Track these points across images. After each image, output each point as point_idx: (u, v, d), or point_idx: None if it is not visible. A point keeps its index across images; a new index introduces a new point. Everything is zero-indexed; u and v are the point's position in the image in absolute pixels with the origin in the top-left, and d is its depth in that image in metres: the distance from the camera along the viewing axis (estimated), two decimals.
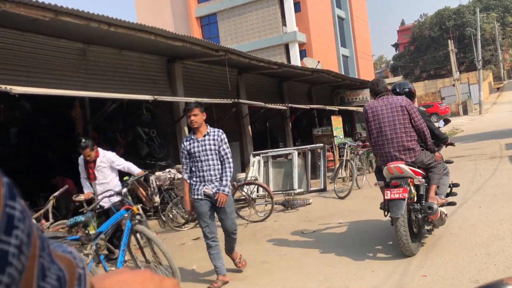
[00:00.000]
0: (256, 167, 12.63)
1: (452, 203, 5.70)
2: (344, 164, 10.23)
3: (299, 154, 13.33)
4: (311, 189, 11.72)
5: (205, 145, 4.80)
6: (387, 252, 5.30)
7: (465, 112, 46.12)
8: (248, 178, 12.39)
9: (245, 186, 8.28)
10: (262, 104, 11.50)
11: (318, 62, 16.94)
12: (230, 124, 13.69)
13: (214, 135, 4.91)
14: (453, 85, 49.50)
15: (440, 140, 5.89)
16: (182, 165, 5.01)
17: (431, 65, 74.63)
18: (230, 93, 12.02)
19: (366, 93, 21.39)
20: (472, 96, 50.58)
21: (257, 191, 10.65)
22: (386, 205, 5.15)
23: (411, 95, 5.69)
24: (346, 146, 10.92)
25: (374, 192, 10.05)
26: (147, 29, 7.77)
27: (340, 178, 10.71)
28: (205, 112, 4.98)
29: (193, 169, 4.81)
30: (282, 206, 9.28)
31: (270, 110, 15.77)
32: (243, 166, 13.44)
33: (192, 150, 4.79)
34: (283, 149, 13.38)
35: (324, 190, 11.49)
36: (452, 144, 6.25)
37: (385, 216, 5.45)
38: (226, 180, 4.82)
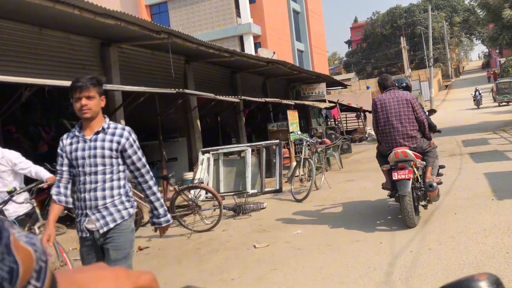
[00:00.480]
0: (205, 165, 11.42)
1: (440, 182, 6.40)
2: (302, 163, 9.22)
3: (252, 151, 12.24)
4: (266, 189, 10.66)
5: (95, 147, 3.03)
6: (354, 266, 4.30)
7: None
8: (196, 179, 11.18)
9: (189, 190, 7.06)
10: (211, 95, 10.30)
11: (274, 53, 15.92)
12: (176, 118, 12.40)
13: (114, 134, 3.06)
14: None
15: (431, 129, 6.54)
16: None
17: (382, 62, 75.96)
18: (176, 83, 10.72)
19: (322, 87, 20.63)
20: (423, 93, 51.54)
21: (206, 193, 9.46)
22: (392, 185, 5.98)
23: (407, 89, 6.46)
24: (304, 143, 9.90)
25: (334, 193, 9.14)
26: (68, 0, 6.36)
27: (297, 176, 9.69)
28: (104, 97, 3.11)
29: (76, 186, 3.12)
30: (232, 212, 8.14)
31: (222, 103, 14.56)
32: (191, 164, 12.19)
33: (73, 155, 3.05)
34: (235, 145, 12.25)
35: (279, 191, 10.47)
36: (439, 131, 7.07)
37: (389, 196, 6.41)
38: (162, 204, 3.24)
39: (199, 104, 12.60)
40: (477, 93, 34.25)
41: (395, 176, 5.68)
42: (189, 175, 11.59)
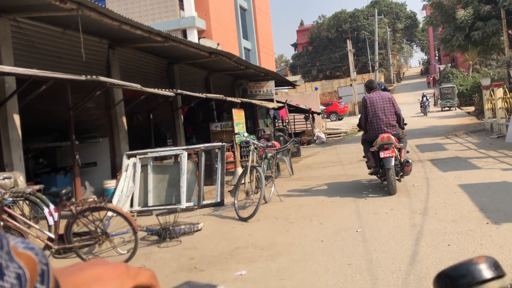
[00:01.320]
0: (130, 172, 9.39)
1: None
2: (248, 171, 7.46)
3: (190, 155, 10.35)
4: (204, 202, 8.82)
5: None
6: None
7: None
8: (117, 195, 9.12)
9: (91, 212, 5.05)
10: (137, 86, 8.31)
11: (218, 44, 14.13)
12: (97, 114, 10.25)
13: None
14: (350, 85, 50.03)
15: (402, 121, 8.12)
16: None
17: (327, 66, 76.45)
18: (95, 72, 8.62)
19: (270, 85, 19.07)
20: None
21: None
22: (376, 163, 7.81)
23: (386, 90, 8.88)
24: (251, 146, 8.12)
25: (287, 209, 7.47)
26: None
27: (243, 184, 7.90)
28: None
29: None
30: (156, 236, 6.25)
31: (157, 98, 12.55)
32: (114, 170, 10.09)
33: None
34: (168, 148, 10.30)
35: (220, 204, 8.66)
36: (405, 124, 8.41)
37: (371, 174, 8.24)
38: None
39: (126, 98, 10.53)
40: (424, 98, 31.61)
41: (383, 154, 7.43)
42: (110, 184, 9.52)
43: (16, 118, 7.11)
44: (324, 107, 37.33)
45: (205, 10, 32.70)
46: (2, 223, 4.84)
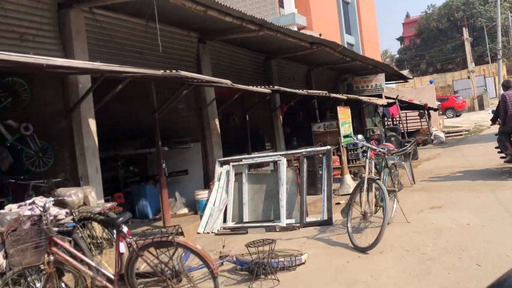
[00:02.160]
0: (223, 182, 8.19)
1: None
2: (365, 186, 5.69)
3: (289, 162, 8.89)
4: (308, 220, 7.26)
5: None
6: None
7: (481, 107, 41.45)
8: (208, 208, 7.94)
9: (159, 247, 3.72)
10: (227, 82, 7.04)
11: (320, 34, 12.49)
12: (188, 116, 9.24)
13: None
14: (468, 77, 44.85)
15: None
16: None
17: (438, 58, 70.41)
18: (183, 69, 7.50)
19: (380, 79, 16.91)
20: (488, 90, 45.99)
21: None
22: None
23: None
24: (368, 152, 6.25)
25: (418, 234, 5.53)
26: None
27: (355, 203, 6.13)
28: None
29: None
30: (247, 272, 4.83)
31: (253, 97, 11.31)
32: (207, 179, 8.98)
33: None
34: (264, 154, 8.93)
35: (328, 223, 7.04)
36: None
37: (507, 162, 9.18)
38: None
39: (219, 98, 9.39)
40: None
41: None
42: (203, 195, 8.40)
43: (92, 123, 6.22)
44: (439, 103, 33.51)
45: (305, 6, 31.25)
46: (52, 258, 3.77)
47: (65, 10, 5.99)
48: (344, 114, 12.37)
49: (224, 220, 7.93)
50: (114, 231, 3.74)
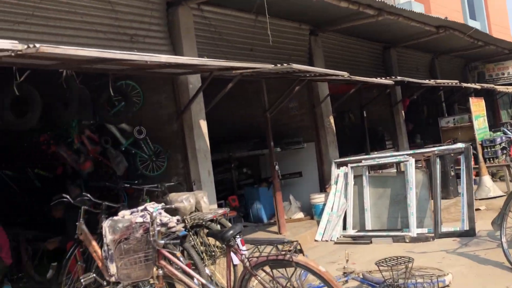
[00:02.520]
0: (341, 184, 7.46)
1: None
2: None
3: (417, 162, 7.82)
4: (444, 230, 6.22)
5: None
6: None
7: None
8: (326, 213, 7.28)
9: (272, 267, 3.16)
10: (343, 74, 6.32)
11: (446, 18, 11.05)
12: (300, 115, 8.67)
13: None
14: None
15: None
16: None
17: None
18: (295, 63, 6.97)
19: None
20: None
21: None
22: None
23: None
24: None
25: None
26: None
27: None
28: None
29: None
30: None
31: (370, 92, 10.38)
32: (322, 181, 8.33)
33: None
34: (387, 154, 7.98)
35: (470, 234, 5.93)
36: None
37: None
38: None
39: (333, 94, 8.68)
40: None
41: None
42: (319, 198, 7.78)
43: (203, 124, 5.95)
44: None
45: None
46: (161, 272, 3.45)
47: (174, 9, 5.81)
48: (478, 106, 10.76)
49: (344, 227, 7.21)
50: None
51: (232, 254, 3.27)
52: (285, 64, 5.26)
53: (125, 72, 5.04)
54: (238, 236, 3.30)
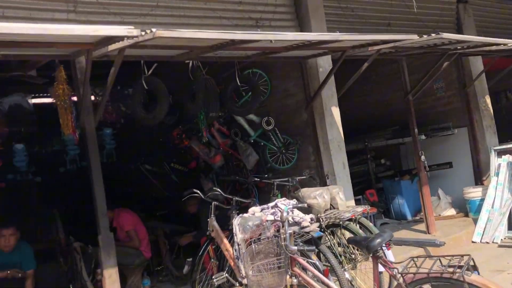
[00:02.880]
0: (504, 176, 6.24)
1: None
2: None
3: None
4: None
5: None
6: None
7: None
8: (485, 211, 6.16)
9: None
10: (506, 42, 5.18)
11: None
12: (447, 97, 7.54)
13: None
14: None
15: None
16: None
17: None
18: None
19: None
20: None
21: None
22: None
23: None
24: None
25: None
26: None
27: None
28: None
29: None
30: None
31: None
32: (478, 173, 7.13)
33: None
34: None
35: None
36: None
37: None
38: None
39: (488, 70, 7.35)
40: None
41: None
42: (474, 193, 6.69)
43: (335, 112, 5.38)
44: None
45: None
46: (295, 281, 3.01)
47: None
48: None
49: (510, 227, 6.01)
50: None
51: (379, 265, 2.66)
52: (433, 35, 4.40)
53: (250, 59, 4.71)
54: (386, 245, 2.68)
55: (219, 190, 4.62)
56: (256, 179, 5.03)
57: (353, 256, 4.32)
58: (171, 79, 4.74)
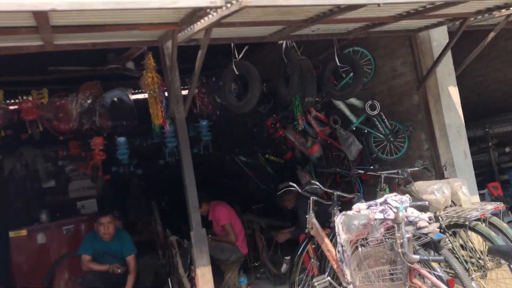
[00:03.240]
0: None
1: None
2: None
3: None
4: None
5: None
6: None
7: None
8: None
9: None
10: None
11: None
12: None
13: None
14: None
15: None
16: None
17: None
18: None
19: None
20: None
21: None
22: None
23: None
24: None
25: None
26: None
27: None
28: None
29: None
30: None
31: None
32: None
33: None
34: None
35: None
36: None
37: None
38: None
39: None
40: None
41: None
42: None
43: (453, 92, 4.60)
44: None
45: None
46: None
47: None
48: None
49: None
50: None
51: None
52: None
53: (351, 36, 4.16)
54: None
55: (318, 183, 4.16)
56: (360, 171, 4.47)
57: (482, 262, 3.60)
58: (264, 65, 4.38)
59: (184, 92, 3.89)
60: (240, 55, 3.90)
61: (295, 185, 4.02)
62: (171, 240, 4.88)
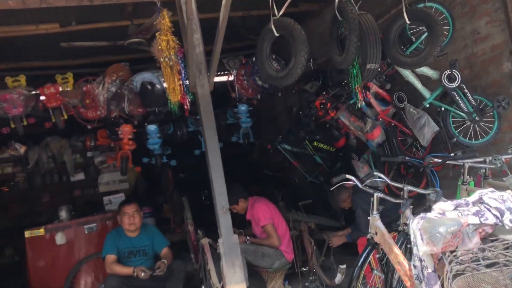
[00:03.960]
0: None
1: None
2: None
3: None
4: None
5: None
6: None
7: None
8: None
9: None
10: None
11: None
12: None
13: None
14: None
15: None
16: None
17: None
18: None
19: None
20: None
21: None
22: None
23: None
24: None
25: None
26: None
27: None
28: None
29: None
30: None
31: None
32: None
33: None
34: None
35: None
36: None
37: None
38: None
39: None
40: None
41: None
42: None
43: None
44: None
45: None
46: None
47: None
48: None
49: None
50: None
51: None
52: None
53: None
54: None
55: (382, 175, 3.25)
56: (436, 159, 3.49)
57: None
58: (310, 36, 3.46)
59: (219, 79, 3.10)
60: (281, 11, 3.01)
61: (353, 178, 3.12)
62: (202, 243, 4.15)
